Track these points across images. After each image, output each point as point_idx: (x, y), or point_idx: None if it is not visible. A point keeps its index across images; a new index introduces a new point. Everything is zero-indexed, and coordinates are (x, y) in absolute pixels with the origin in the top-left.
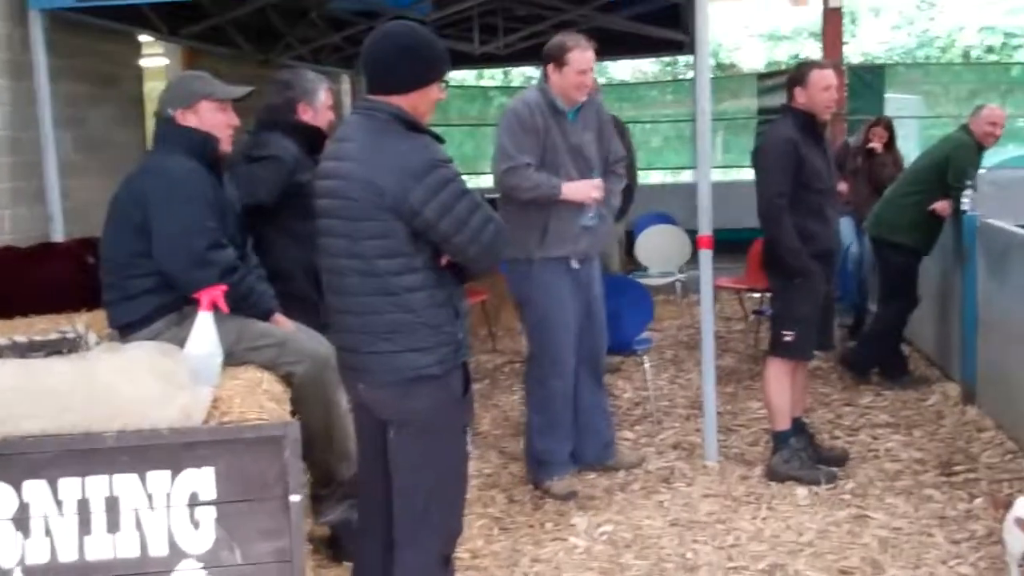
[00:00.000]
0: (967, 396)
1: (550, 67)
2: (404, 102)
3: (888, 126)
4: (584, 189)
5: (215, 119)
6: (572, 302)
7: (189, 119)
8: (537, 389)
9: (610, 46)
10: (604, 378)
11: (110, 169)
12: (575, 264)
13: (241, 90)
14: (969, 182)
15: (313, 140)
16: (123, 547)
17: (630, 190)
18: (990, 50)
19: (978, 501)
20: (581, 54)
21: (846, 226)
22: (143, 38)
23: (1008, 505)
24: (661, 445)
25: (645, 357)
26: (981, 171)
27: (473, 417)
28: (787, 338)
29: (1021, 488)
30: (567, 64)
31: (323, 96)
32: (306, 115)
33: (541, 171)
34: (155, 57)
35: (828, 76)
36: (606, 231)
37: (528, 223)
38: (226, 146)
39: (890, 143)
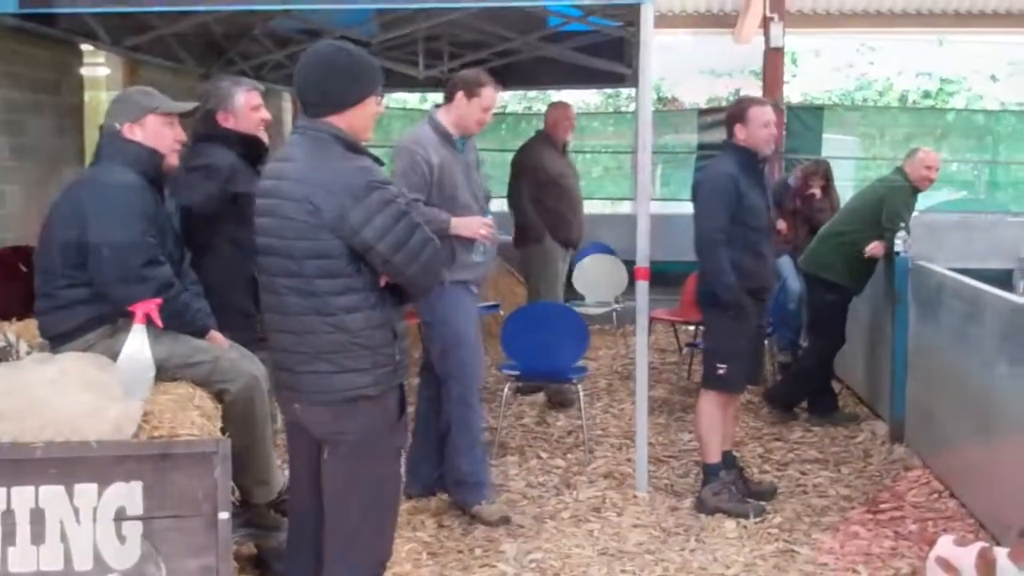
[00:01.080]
0: (895, 435)
1: (460, 95)
2: (341, 121)
3: (826, 173)
4: (473, 225)
5: (162, 133)
6: (474, 323)
7: (136, 133)
8: (462, 410)
9: (554, 75)
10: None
11: (46, 177)
12: (474, 289)
13: (187, 105)
14: (903, 224)
15: (250, 149)
16: (47, 560)
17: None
18: (927, 95)
19: (903, 539)
20: (492, 91)
21: (786, 265)
22: (85, 47)
23: (932, 543)
24: (592, 474)
25: (579, 386)
26: (915, 214)
27: (408, 440)
28: (720, 371)
29: (946, 527)
30: (478, 96)
31: (241, 99)
32: (227, 122)
33: (431, 207)
34: (96, 67)
35: (767, 112)
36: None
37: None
38: (172, 161)
39: (827, 187)
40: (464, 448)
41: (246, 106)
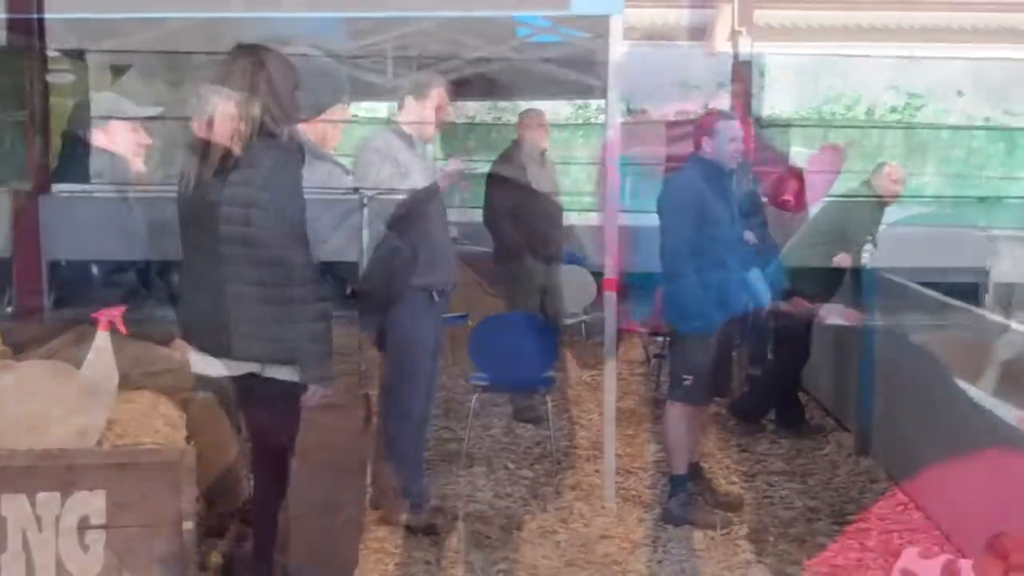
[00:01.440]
0: (861, 447)
1: (409, 99)
2: (306, 129)
3: (800, 179)
4: (451, 167)
5: (126, 138)
6: (432, 333)
7: (100, 139)
8: (404, 415)
9: (523, 87)
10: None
11: (8, 185)
12: (436, 296)
13: (150, 111)
14: (869, 238)
15: (220, 158)
16: (9, 569)
17: None
18: (894, 110)
19: (868, 551)
20: (441, 91)
21: (756, 277)
22: (50, 53)
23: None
24: (560, 485)
25: (547, 397)
26: (882, 227)
27: (373, 449)
28: (686, 383)
29: (911, 540)
30: (427, 97)
31: (218, 108)
32: (201, 131)
33: None
34: (62, 73)
35: (734, 127)
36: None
37: None
38: (137, 165)
39: (800, 196)
40: (401, 456)
41: (223, 114)
